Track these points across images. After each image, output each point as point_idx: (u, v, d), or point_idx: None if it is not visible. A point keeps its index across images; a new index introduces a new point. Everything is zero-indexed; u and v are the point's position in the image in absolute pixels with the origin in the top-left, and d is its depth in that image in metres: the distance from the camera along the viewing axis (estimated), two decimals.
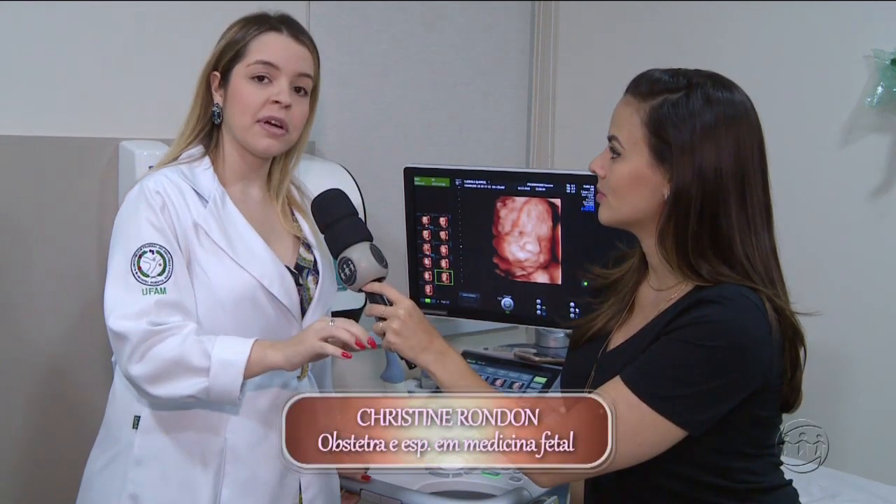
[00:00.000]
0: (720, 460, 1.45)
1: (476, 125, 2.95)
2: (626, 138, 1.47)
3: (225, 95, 1.74)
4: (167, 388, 1.59)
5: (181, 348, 1.58)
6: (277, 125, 1.71)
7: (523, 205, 2.35)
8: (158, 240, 1.65)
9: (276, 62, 1.71)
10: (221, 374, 1.58)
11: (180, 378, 1.59)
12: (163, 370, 1.59)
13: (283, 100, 1.70)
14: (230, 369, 1.58)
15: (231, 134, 1.75)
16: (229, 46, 1.74)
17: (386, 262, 1.60)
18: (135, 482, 1.69)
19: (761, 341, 1.40)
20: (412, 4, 2.75)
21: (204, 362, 1.58)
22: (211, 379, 1.58)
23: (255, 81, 1.71)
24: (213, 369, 1.58)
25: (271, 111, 1.70)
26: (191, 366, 1.58)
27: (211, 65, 1.76)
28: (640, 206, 1.48)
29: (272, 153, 1.76)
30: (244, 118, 1.71)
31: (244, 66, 1.72)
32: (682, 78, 1.47)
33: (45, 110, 2.12)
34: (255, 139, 1.72)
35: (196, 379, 1.58)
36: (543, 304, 2.38)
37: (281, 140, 1.73)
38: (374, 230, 2.43)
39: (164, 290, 1.62)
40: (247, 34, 1.73)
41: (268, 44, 1.72)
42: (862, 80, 2.40)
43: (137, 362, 1.59)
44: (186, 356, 1.58)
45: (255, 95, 1.70)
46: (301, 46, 1.75)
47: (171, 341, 1.59)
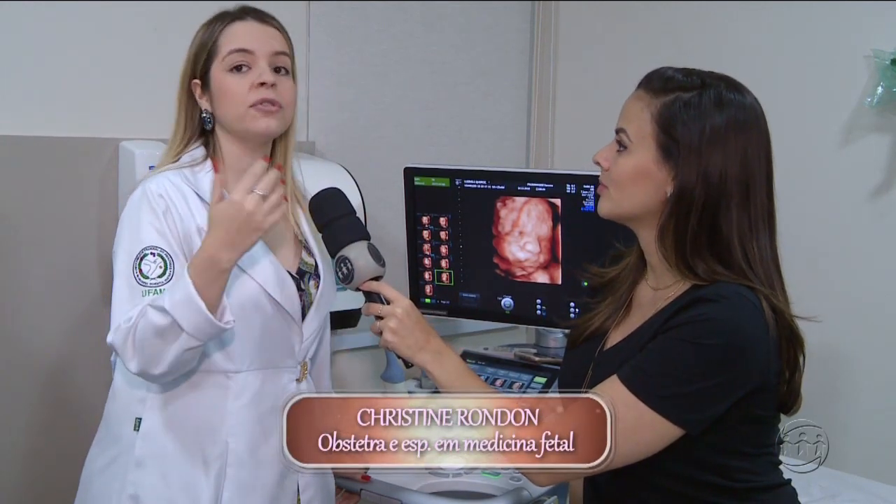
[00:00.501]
0: (718, 459, 1.45)
1: (476, 125, 2.95)
2: (635, 132, 1.47)
3: (211, 98, 1.74)
4: (164, 362, 1.59)
5: (145, 322, 1.57)
6: (270, 103, 1.70)
7: (523, 205, 2.35)
8: (160, 242, 1.65)
9: (249, 47, 1.71)
10: (187, 314, 1.56)
11: (163, 346, 1.58)
12: (149, 351, 1.58)
13: (267, 79, 1.70)
14: (189, 304, 1.55)
15: (227, 131, 1.74)
16: (200, 50, 1.74)
17: (383, 260, 1.59)
18: (135, 483, 1.69)
19: (758, 340, 1.40)
20: (412, 4, 2.75)
21: (166, 318, 1.56)
22: (183, 325, 1.56)
23: (234, 72, 1.71)
24: (176, 317, 1.56)
25: (259, 94, 1.69)
26: (161, 329, 1.56)
27: (188, 73, 1.75)
28: (642, 202, 1.47)
29: (273, 132, 1.74)
30: (236, 109, 1.71)
31: (220, 61, 1.71)
32: (695, 77, 1.47)
33: (45, 110, 2.12)
34: (252, 123, 1.71)
35: (174, 338, 1.57)
36: (543, 304, 2.38)
37: (277, 117, 1.72)
38: (374, 230, 2.43)
39: (163, 291, 1.62)
40: (213, 33, 1.73)
41: (236, 33, 1.72)
42: (862, 81, 2.40)
43: (131, 359, 1.60)
44: (154, 324, 1.57)
45: (239, 84, 1.70)
46: (269, 27, 1.75)
47: (141, 324, 1.58)
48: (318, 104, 2.56)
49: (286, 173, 1.82)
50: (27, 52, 2.09)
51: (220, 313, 1.59)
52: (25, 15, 2.08)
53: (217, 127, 1.76)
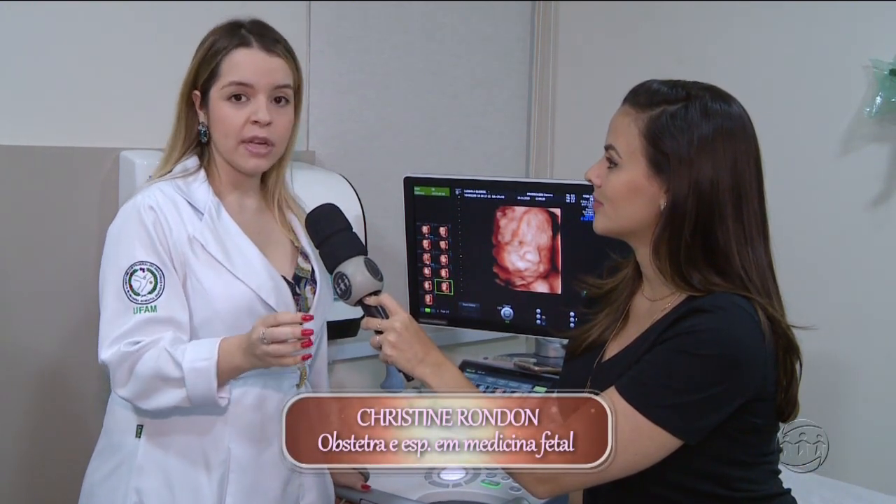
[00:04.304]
0: (717, 468, 1.45)
1: (476, 135, 2.95)
2: (624, 148, 1.47)
3: (208, 115, 1.74)
4: (154, 402, 1.63)
5: (156, 362, 1.61)
6: (261, 143, 1.70)
7: (523, 214, 2.35)
8: (150, 258, 1.65)
9: (250, 81, 1.69)
10: (196, 381, 1.60)
11: (161, 392, 1.62)
12: (145, 387, 1.62)
13: (262, 118, 1.69)
14: (203, 375, 1.60)
15: (219, 151, 1.75)
16: (203, 65, 1.72)
17: (381, 274, 1.60)
18: (139, 490, 1.70)
19: (754, 350, 1.41)
20: (413, 14, 2.76)
21: (178, 373, 1.60)
22: (188, 388, 1.60)
23: (231, 102, 1.70)
24: (187, 378, 1.60)
25: (253, 131, 1.69)
26: (168, 378, 1.60)
27: (189, 84, 1.74)
28: (636, 217, 1.48)
29: (261, 171, 1.76)
30: (228, 141, 1.71)
31: (219, 88, 1.70)
32: (680, 90, 1.48)
33: (46, 120, 2.12)
34: (241, 160, 1.72)
35: (175, 390, 1.61)
36: (543, 313, 2.38)
37: (267, 157, 1.73)
38: (374, 240, 2.45)
39: (154, 307, 1.63)
40: (217, 52, 1.70)
41: (238, 63, 1.69)
42: (861, 90, 2.40)
43: (123, 385, 1.63)
44: (162, 370, 1.60)
45: (235, 117, 1.69)
46: (274, 58, 1.71)
47: (146, 357, 1.61)
48: (318, 114, 2.56)
49: (278, 183, 1.83)
50: (27, 61, 2.09)
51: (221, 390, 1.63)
52: (26, 24, 2.08)
53: (212, 142, 1.76)
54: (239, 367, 1.62)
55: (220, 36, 1.73)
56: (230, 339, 1.62)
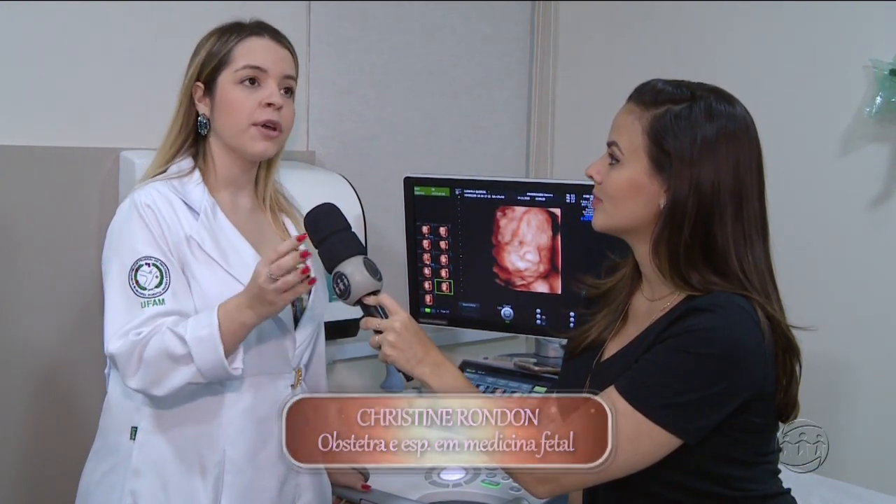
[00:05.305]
0: (717, 468, 1.45)
1: (476, 135, 2.95)
2: (626, 145, 1.48)
3: (212, 104, 1.75)
4: (167, 385, 1.62)
5: (161, 344, 1.60)
6: (272, 127, 1.73)
7: (523, 214, 2.35)
8: (154, 252, 1.66)
9: (264, 65, 1.73)
10: (203, 352, 1.59)
11: (172, 372, 1.61)
12: (155, 372, 1.61)
13: (276, 101, 1.72)
14: (208, 343, 1.59)
15: (222, 141, 1.76)
16: (211, 56, 1.75)
17: (380, 274, 1.59)
18: (134, 492, 1.70)
19: (753, 349, 1.41)
20: (412, 14, 2.76)
21: (183, 348, 1.59)
22: (196, 360, 1.60)
23: (244, 86, 1.73)
24: (193, 351, 1.59)
25: (266, 114, 1.72)
26: (175, 355, 1.60)
27: (193, 77, 1.76)
28: (636, 215, 1.48)
29: (268, 155, 1.77)
30: (238, 123, 1.72)
31: (231, 73, 1.73)
32: (685, 89, 1.48)
33: (46, 120, 2.12)
34: (251, 143, 1.73)
35: (184, 367, 1.60)
36: (543, 313, 2.38)
37: (275, 142, 1.75)
38: (374, 240, 2.45)
39: (162, 301, 1.63)
40: (228, 41, 1.75)
41: (253, 48, 1.74)
42: (861, 91, 2.40)
43: (133, 375, 1.62)
44: (168, 348, 1.60)
45: (247, 100, 1.72)
46: (284, 49, 1.78)
47: (153, 343, 1.61)
48: (318, 114, 2.56)
49: (268, 183, 1.84)
50: (27, 61, 2.09)
51: (232, 359, 1.62)
52: (26, 24, 2.08)
53: (211, 135, 1.77)
54: (245, 323, 1.61)
55: (227, 30, 1.77)
56: (227, 302, 1.62)
